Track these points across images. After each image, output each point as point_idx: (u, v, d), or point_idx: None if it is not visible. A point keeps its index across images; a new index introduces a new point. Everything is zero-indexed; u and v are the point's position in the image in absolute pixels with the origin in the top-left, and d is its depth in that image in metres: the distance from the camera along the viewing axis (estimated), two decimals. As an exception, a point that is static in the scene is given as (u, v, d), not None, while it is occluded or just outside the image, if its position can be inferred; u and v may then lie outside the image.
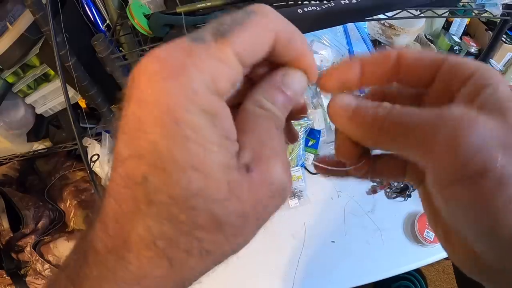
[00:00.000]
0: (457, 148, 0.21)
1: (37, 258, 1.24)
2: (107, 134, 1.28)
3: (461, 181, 0.21)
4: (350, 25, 1.44)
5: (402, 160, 0.31)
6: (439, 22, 1.61)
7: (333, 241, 1.19)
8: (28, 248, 1.25)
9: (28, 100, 1.13)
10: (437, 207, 0.24)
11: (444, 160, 0.22)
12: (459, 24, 1.57)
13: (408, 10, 0.93)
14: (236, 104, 0.26)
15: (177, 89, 0.20)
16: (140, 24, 0.82)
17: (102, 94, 1.07)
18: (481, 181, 0.21)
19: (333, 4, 0.80)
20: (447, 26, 1.61)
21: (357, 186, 1.29)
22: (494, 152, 0.21)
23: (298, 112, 0.32)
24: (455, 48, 1.53)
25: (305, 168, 1.33)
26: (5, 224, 1.22)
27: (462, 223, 0.23)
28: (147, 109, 0.20)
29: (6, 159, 1.27)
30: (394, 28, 1.36)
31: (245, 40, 0.23)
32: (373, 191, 1.27)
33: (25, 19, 0.98)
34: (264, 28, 0.24)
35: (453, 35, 1.58)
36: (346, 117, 0.27)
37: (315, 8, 0.79)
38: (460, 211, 0.22)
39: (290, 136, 0.34)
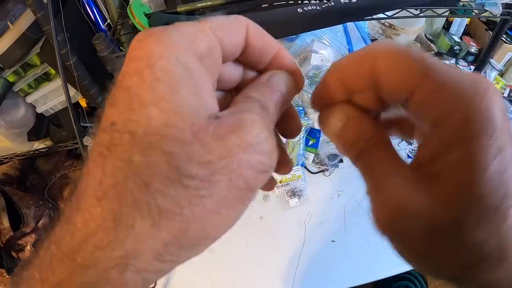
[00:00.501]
0: (384, 219, 0.24)
1: (37, 257, 1.24)
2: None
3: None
4: (350, 25, 1.45)
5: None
6: (439, 22, 1.61)
7: (333, 241, 1.19)
8: (28, 247, 1.25)
9: (29, 99, 1.13)
10: None
11: (376, 218, 0.25)
12: (459, 24, 1.57)
13: (408, 9, 0.93)
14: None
15: (156, 41, 0.21)
16: (141, 23, 0.82)
17: (103, 93, 1.07)
18: (402, 250, 0.24)
19: (333, 3, 0.80)
20: (447, 26, 1.61)
21: (358, 186, 1.29)
22: (413, 240, 0.23)
23: (292, 128, 0.32)
24: (455, 48, 1.54)
25: (305, 168, 1.33)
26: (6, 223, 1.23)
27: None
28: (129, 63, 0.21)
29: (6, 158, 1.27)
30: (394, 28, 1.37)
31: (219, 23, 0.24)
32: (373, 190, 1.27)
33: (26, 18, 0.98)
34: (237, 19, 0.26)
35: (453, 35, 1.58)
36: (331, 135, 0.28)
37: (315, 7, 0.79)
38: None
39: (292, 127, 0.32)
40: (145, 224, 0.20)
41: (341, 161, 1.34)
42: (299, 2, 0.83)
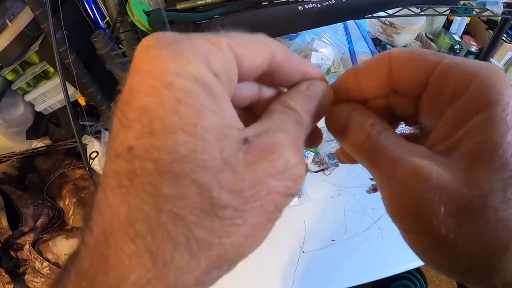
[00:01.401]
0: (403, 202, 0.23)
1: (36, 256, 1.23)
2: (107, 132, 1.27)
3: (404, 232, 0.24)
4: (350, 23, 1.44)
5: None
6: (440, 21, 1.61)
7: (333, 240, 1.19)
8: (27, 246, 1.25)
9: (28, 97, 1.13)
10: None
11: (394, 206, 0.24)
12: (459, 23, 1.57)
13: (409, 7, 0.93)
14: None
15: (170, 56, 0.19)
16: (140, 21, 0.82)
17: (102, 91, 1.07)
18: (421, 237, 0.23)
19: (334, 1, 0.79)
20: (447, 25, 1.60)
21: (358, 185, 1.29)
22: (435, 219, 0.21)
23: (313, 138, 0.32)
24: (455, 47, 1.53)
25: (305, 167, 1.33)
26: (4, 222, 1.22)
27: None
28: (139, 77, 0.19)
29: (5, 157, 1.27)
30: (395, 27, 1.36)
31: (241, 41, 0.23)
32: (374, 189, 1.27)
33: (25, 16, 0.98)
34: (262, 40, 0.25)
35: (454, 34, 1.57)
36: (338, 129, 0.29)
37: (315, 5, 0.78)
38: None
39: (316, 138, 0.32)
40: (184, 257, 0.19)
41: (341, 160, 1.33)
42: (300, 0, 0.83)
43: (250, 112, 0.30)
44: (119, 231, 0.19)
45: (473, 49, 1.53)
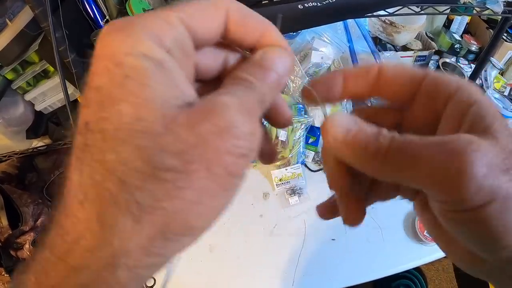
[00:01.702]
0: (464, 180, 0.22)
1: (36, 255, 1.23)
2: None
3: (468, 211, 0.22)
4: (350, 22, 1.44)
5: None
6: (440, 20, 1.61)
7: (333, 239, 1.19)
8: (27, 246, 1.24)
9: (28, 97, 1.13)
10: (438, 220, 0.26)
11: (451, 192, 0.22)
12: (460, 22, 1.57)
13: (409, 6, 0.93)
14: None
15: (121, 38, 0.21)
16: (140, 20, 0.82)
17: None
18: (486, 209, 0.22)
19: (334, 0, 0.79)
20: (448, 24, 1.60)
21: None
22: (499, 181, 0.22)
23: (282, 116, 0.31)
24: (455, 46, 1.53)
25: (306, 166, 1.33)
26: (4, 221, 1.22)
27: (465, 240, 0.25)
28: (96, 62, 0.21)
29: (5, 156, 1.26)
30: (395, 26, 1.36)
31: (190, 10, 0.24)
32: (374, 189, 1.26)
33: (25, 15, 0.97)
34: (213, 3, 0.25)
35: (454, 33, 1.57)
36: (345, 143, 0.25)
37: (315, 4, 0.78)
38: (464, 233, 0.24)
39: (281, 119, 0.31)
40: (127, 221, 0.20)
41: (341, 159, 1.33)
42: (300, -2, 0.83)
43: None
44: (73, 198, 0.20)
45: (473, 48, 1.53)
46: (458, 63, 1.50)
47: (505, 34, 1.45)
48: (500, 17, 1.09)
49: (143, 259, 0.21)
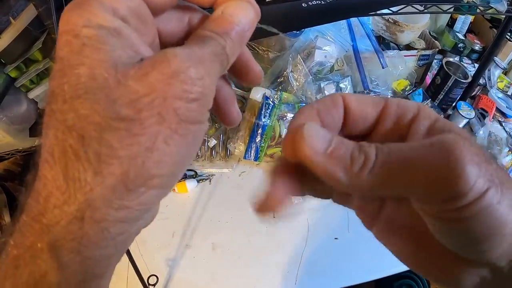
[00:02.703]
0: (463, 173, 0.21)
1: (39, 253, 1.24)
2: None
3: (469, 204, 0.22)
4: (354, 21, 1.44)
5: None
6: (444, 19, 1.61)
7: (336, 238, 1.18)
8: (30, 243, 1.25)
9: (31, 95, 1.13)
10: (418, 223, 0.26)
11: (450, 189, 0.22)
12: (463, 21, 1.57)
13: (413, 5, 0.93)
14: None
15: (78, 13, 0.22)
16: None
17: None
18: (485, 197, 0.21)
19: (338, -2, 0.79)
20: (451, 23, 1.60)
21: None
22: (490, 170, 0.22)
23: (250, 75, 0.31)
24: (459, 46, 1.53)
25: (308, 165, 1.33)
26: (7, 219, 1.22)
27: (459, 241, 0.24)
28: (59, 37, 0.22)
29: (8, 154, 1.27)
30: (399, 24, 1.36)
31: None
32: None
33: (28, 13, 0.98)
34: None
35: (458, 32, 1.57)
36: (327, 157, 0.23)
37: (319, 2, 0.78)
38: (462, 232, 0.23)
39: (250, 75, 0.31)
40: (88, 174, 0.21)
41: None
42: (303, -4, 0.82)
43: None
44: (43, 161, 0.22)
45: (477, 47, 1.53)
46: (462, 63, 1.50)
47: (509, 34, 1.45)
48: (504, 16, 1.09)
49: (109, 212, 0.22)
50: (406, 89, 1.43)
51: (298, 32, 1.28)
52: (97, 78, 0.21)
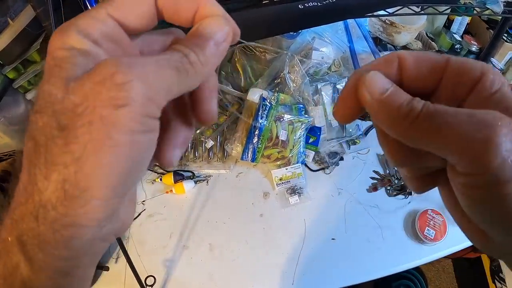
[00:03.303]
0: (490, 150, 0.22)
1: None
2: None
3: (491, 186, 0.23)
4: (351, 22, 1.45)
5: None
6: (440, 20, 1.61)
7: (333, 239, 1.19)
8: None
9: (29, 95, 1.13)
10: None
11: (475, 161, 0.23)
12: (460, 23, 1.57)
13: (409, 6, 0.93)
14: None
15: (58, 37, 0.24)
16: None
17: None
18: (508, 186, 0.22)
19: (334, 0, 0.79)
20: (448, 24, 1.61)
21: (358, 184, 1.29)
22: None
23: (202, 113, 0.31)
24: (456, 47, 1.53)
25: (306, 165, 1.33)
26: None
27: (480, 219, 0.26)
28: (46, 60, 0.25)
29: (6, 155, 1.27)
30: (395, 26, 1.36)
31: (119, 4, 0.26)
32: (374, 188, 1.27)
33: (26, 15, 0.98)
34: None
35: (454, 33, 1.57)
36: (379, 101, 0.26)
37: (316, 4, 0.79)
38: (481, 212, 0.25)
39: (202, 116, 0.31)
40: (40, 178, 0.23)
41: (341, 159, 1.34)
42: (300, -2, 0.83)
43: None
44: (24, 160, 0.24)
45: (474, 48, 1.53)
46: (459, 64, 1.50)
47: (505, 35, 1.45)
48: (500, 17, 1.09)
49: (57, 216, 0.23)
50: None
51: (295, 33, 1.28)
52: (52, 94, 0.23)
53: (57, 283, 0.25)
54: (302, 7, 0.78)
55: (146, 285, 1.07)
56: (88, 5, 0.99)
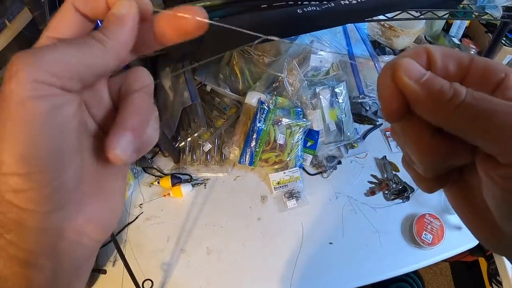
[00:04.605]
0: None
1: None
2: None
3: None
4: (349, 26, 1.44)
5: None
6: (439, 24, 1.61)
7: (331, 243, 1.18)
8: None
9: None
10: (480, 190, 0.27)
11: None
12: (459, 26, 1.57)
13: (408, 11, 0.93)
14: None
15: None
16: (139, 23, 0.82)
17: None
18: None
19: (333, 5, 0.79)
20: (447, 28, 1.61)
21: (356, 188, 1.29)
22: None
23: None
24: (454, 50, 1.53)
25: (304, 169, 1.33)
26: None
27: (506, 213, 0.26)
28: None
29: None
30: (394, 30, 1.36)
31: (50, 22, 0.29)
32: (372, 192, 1.27)
33: (24, 17, 0.97)
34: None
35: (453, 37, 1.58)
36: (419, 84, 0.25)
37: (314, 8, 0.78)
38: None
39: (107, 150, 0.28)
40: None
41: (339, 163, 1.34)
42: (299, 3, 0.82)
43: None
44: None
45: (472, 52, 1.53)
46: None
47: (504, 38, 1.45)
48: (499, 21, 1.09)
49: None
50: (402, 93, 1.43)
51: (293, 37, 1.28)
52: None
53: (20, 273, 0.25)
54: (301, 12, 0.78)
55: (143, 288, 1.07)
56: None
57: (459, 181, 0.30)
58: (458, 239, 1.20)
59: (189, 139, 1.26)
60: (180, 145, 1.27)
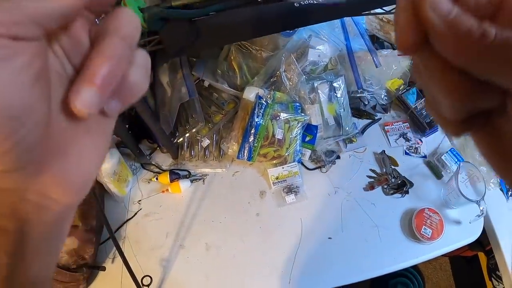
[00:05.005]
0: None
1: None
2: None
3: None
4: (347, 20, 1.44)
5: None
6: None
7: (330, 238, 1.18)
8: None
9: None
10: None
11: None
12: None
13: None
14: None
15: None
16: (135, 17, 0.81)
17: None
18: None
19: (330, -2, 0.79)
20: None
21: (355, 182, 1.29)
22: None
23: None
24: (453, 44, 1.53)
25: (302, 164, 1.33)
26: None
27: None
28: None
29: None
30: (392, 24, 1.36)
31: None
32: (371, 187, 1.27)
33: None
34: None
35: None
36: (447, 21, 0.23)
37: (312, 2, 0.78)
38: None
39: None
40: None
41: (338, 157, 1.33)
42: (296, -4, 0.82)
43: None
44: None
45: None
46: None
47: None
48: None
49: None
50: (400, 88, 1.43)
51: (291, 31, 1.28)
52: None
53: None
54: (298, 5, 0.78)
55: (143, 285, 1.07)
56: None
57: (486, 125, 0.28)
58: (458, 234, 1.20)
59: (187, 134, 1.25)
60: (178, 141, 1.27)
